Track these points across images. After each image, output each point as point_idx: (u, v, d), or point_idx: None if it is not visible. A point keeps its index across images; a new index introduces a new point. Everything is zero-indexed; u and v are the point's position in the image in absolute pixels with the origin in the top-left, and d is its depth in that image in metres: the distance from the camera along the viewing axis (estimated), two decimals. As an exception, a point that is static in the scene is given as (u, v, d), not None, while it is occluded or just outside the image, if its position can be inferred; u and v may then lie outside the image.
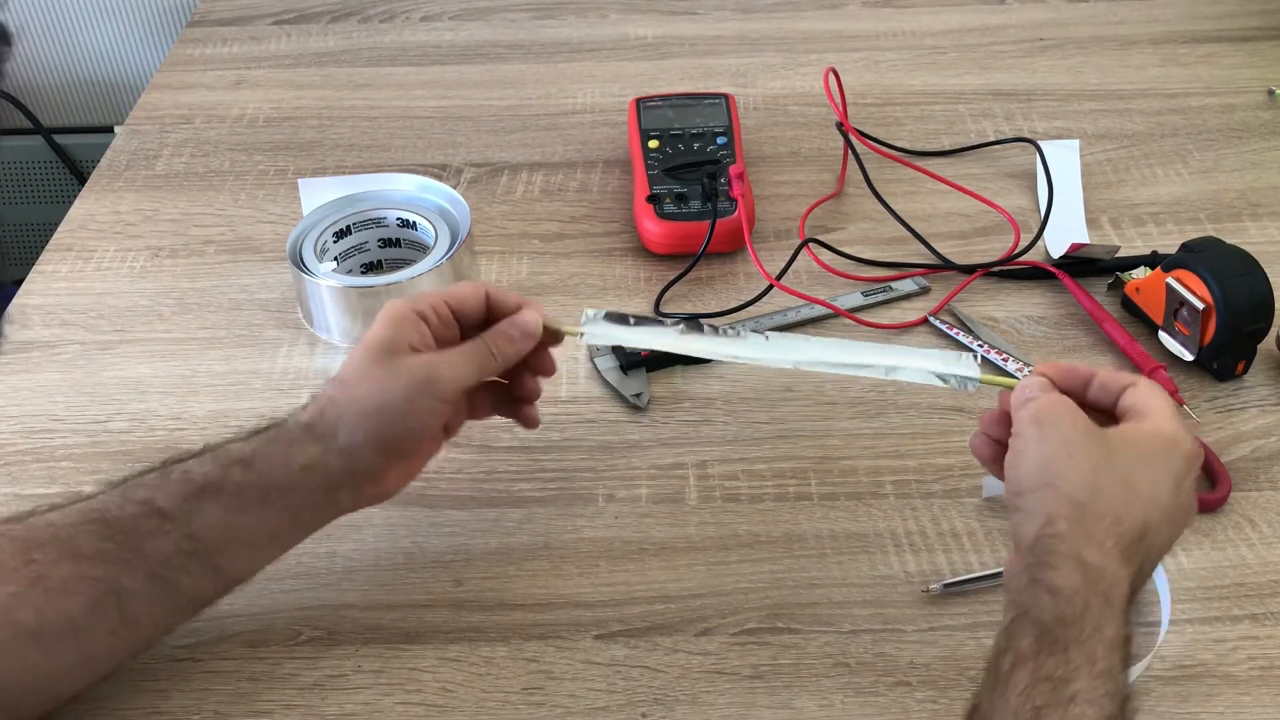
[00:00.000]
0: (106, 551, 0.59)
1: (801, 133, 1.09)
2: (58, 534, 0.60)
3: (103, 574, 0.59)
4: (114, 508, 0.61)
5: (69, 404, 0.83)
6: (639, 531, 0.73)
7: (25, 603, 0.58)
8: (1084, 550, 0.54)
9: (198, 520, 0.61)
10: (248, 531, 0.62)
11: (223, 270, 0.95)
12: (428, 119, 1.12)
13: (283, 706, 0.64)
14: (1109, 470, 0.56)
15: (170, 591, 0.61)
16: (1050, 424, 0.58)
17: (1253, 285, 0.79)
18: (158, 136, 1.10)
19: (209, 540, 0.61)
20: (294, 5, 1.31)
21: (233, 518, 0.62)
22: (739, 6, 1.29)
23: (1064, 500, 0.55)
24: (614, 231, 0.97)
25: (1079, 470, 0.56)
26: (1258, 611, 0.68)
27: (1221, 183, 1.01)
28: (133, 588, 0.60)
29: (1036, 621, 0.53)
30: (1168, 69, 1.16)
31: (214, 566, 0.62)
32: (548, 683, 0.65)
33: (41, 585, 0.58)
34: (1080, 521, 0.54)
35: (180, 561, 0.61)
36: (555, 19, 1.27)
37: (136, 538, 0.60)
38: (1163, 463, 0.57)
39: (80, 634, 0.59)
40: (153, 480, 0.62)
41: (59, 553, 0.59)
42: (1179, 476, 0.58)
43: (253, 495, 0.62)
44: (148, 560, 0.60)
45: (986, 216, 0.97)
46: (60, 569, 0.58)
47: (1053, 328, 0.87)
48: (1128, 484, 0.56)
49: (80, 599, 0.58)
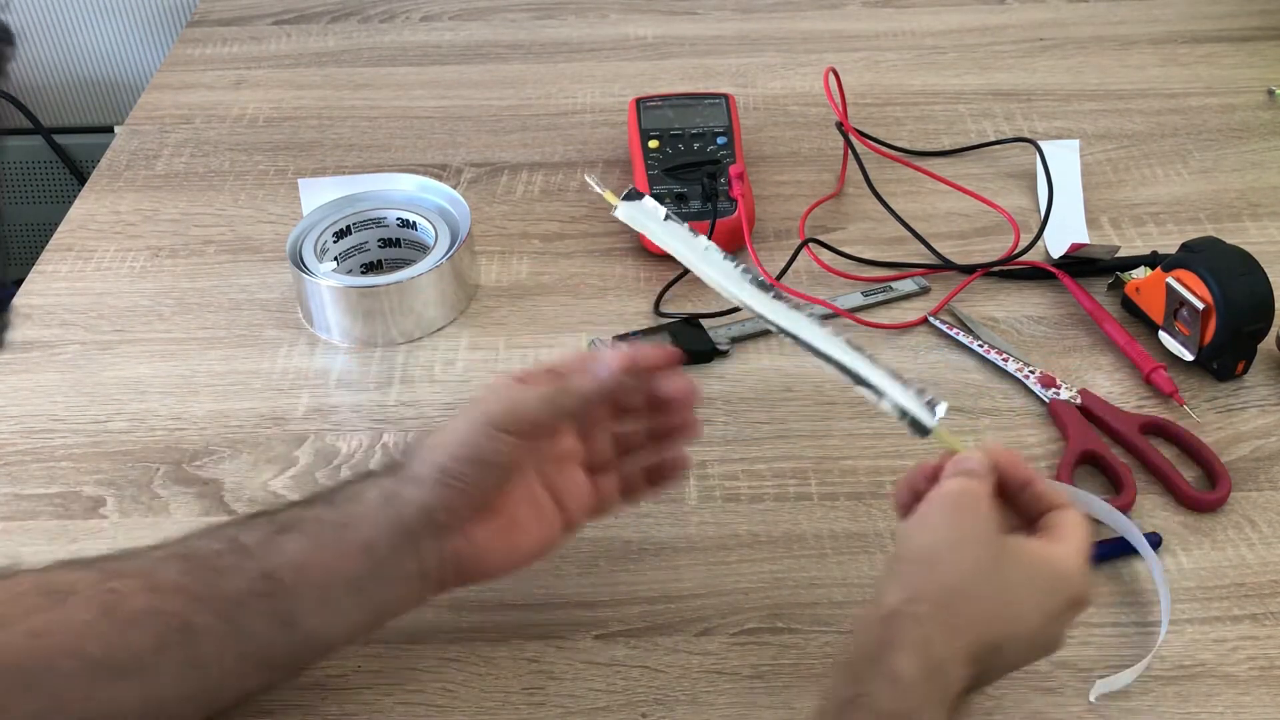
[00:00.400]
0: (183, 586, 0.58)
1: (801, 133, 1.09)
2: (143, 567, 0.59)
3: (175, 609, 0.57)
4: (200, 544, 0.60)
5: (69, 404, 0.83)
6: (639, 531, 0.73)
7: (95, 633, 0.56)
8: (934, 641, 0.53)
9: (275, 557, 0.59)
10: (322, 569, 0.59)
11: (223, 270, 0.95)
12: (428, 119, 1.12)
13: (283, 706, 0.64)
14: (992, 578, 0.55)
15: (240, 636, 0.58)
16: (960, 510, 0.57)
17: (1253, 285, 0.79)
18: (158, 136, 1.10)
19: (283, 580, 0.59)
20: (294, 5, 1.31)
21: (307, 554, 0.59)
22: (739, 6, 1.29)
23: (937, 586, 0.54)
24: (614, 231, 0.97)
25: (963, 565, 0.55)
26: (1258, 611, 0.68)
27: (1221, 183, 1.01)
28: (203, 626, 0.58)
29: (872, 711, 0.52)
30: (1168, 69, 1.16)
31: (287, 613, 0.59)
32: (548, 683, 0.65)
33: (114, 616, 0.57)
34: (943, 612, 0.53)
35: (253, 603, 0.58)
36: (555, 19, 1.27)
37: (214, 573, 0.59)
38: (1046, 593, 0.56)
39: (146, 671, 0.57)
40: (245, 520, 0.61)
41: (138, 584, 0.58)
42: (1056, 612, 0.56)
43: (330, 529, 0.60)
44: (221, 599, 0.58)
45: (986, 216, 0.97)
46: (135, 600, 0.57)
47: (1053, 328, 0.87)
48: (1004, 597, 0.55)
49: (149, 634, 0.57)
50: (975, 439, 0.77)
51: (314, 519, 0.60)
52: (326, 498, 0.62)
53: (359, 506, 0.61)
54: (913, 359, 0.85)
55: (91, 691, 0.56)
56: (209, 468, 0.78)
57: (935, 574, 0.55)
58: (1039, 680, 0.65)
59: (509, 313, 0.90)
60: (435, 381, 0.84)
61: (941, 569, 0.55)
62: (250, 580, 0.58)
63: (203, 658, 0.58)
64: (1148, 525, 0.72)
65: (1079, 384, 0.82)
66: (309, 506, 0.61)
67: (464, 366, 0.86)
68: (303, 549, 0.59)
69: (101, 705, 0.57)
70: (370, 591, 0.60)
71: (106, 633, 0.56)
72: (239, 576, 0.58)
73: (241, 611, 0.58)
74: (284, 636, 0.59)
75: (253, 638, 0.59)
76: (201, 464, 0.79)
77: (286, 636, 0.59)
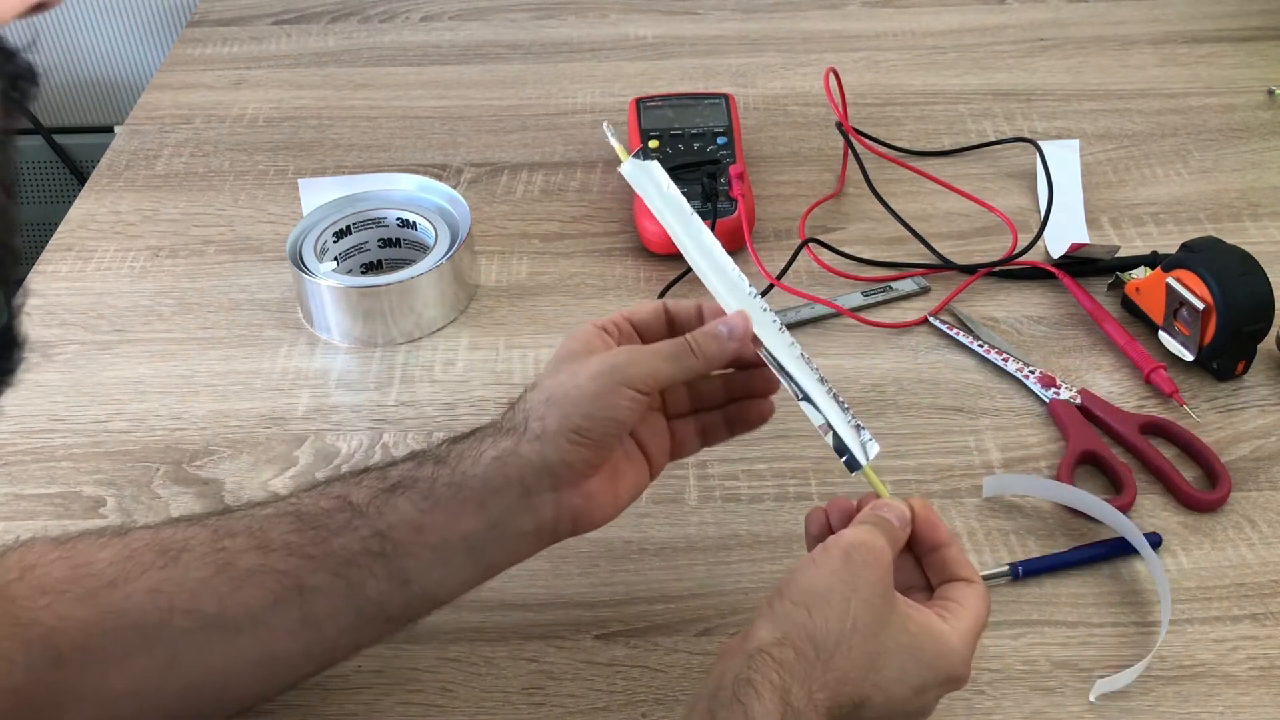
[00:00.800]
0: (294, 545, 0.58)
1: (801, 133, 1.09)
2: (251, 525, 0.59)
3: (288, 568, 0.58)
4: (309, 502, 0.60)
5: (69, 404, 0.83)
6: (639, 531, 0.73)
7: (209, 589, 0.57)
8: (793, 691, 0.52)
9: (389, 516, 0.59)
10: (437, 530, 0.59)
11: (223, 270, 0.95)
12: (428, 119, 1.12)
13: (283, 706, 0.64)
14: (868, 639, 0.54)
15: (354, 594, 0.59)
16: (854, 564, 0.55)
17: (1253, 285, 0.79)
18: (158, 136, 1.10)
19: (397, 540, 0.59)
20: (294, 5, 1.31)
21: (422, 514, 0.59)
22: (739, 6, 1.28)
23: (808, 635, 0.53)
24: (614, 231, 0.97)
25: (840, 621, 0.54)
26: (1258, 611, 0.68)
27: (1221, 183, 1.01)
28: (316, 585, 0.58)
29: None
30: (1168, 69, 1.16)
31: (401, 571, 0.59)
32: (548, 683, 0.65)
33: (227, 574, 0.58)
34: (809, 663, 0.53)
35: (366, 562, 0.59)
36: (555, 19, 1.27)
37: (326, 532, 0.59)
38: (921, 665, 0.55)
39: (260, 628, 0.58)
40: (352, 478, 0.61)
41: (248, 542, 0.58)
42: (928, 685, 0.56)
43: (444, 489, 0.60)
44: (334, 557, 0.58)
45: (986, 216, 0.97)
46: (247, 559, 0.58)
47: (1053, 328, 0.87)
48: (876, 661, 0.54)
49: (263, 592, 0.58)
50: (917, 489, 0.77)
51: (427, 479, 0.60)
52: (440, 457, 0.61)
53: (475, 467, 0.60)
54: (913, 359, 0.85)
55: (207, 647, 0.58)
56: (209, 468, 0.78)
57: (811, 621, 0.54)
58: (1039, 680, 0.65)
59: (509, 313, 0.90)
60: (435, 381, 0.84)
61: (818, 618, 0.54)
62: (363, 540, 0.59)
63: (316, 614, 0.59)
64: (1148, 525, 0.72)
65: (1079, 384, 0.82)
66: (421, 465, 0.61)
67: (464, 366, 0.86)
68: (417, 509, 0.59)
69: (217, 660, 0.58)
70: (484, 549, 0.61)
71: (221, 590, 0.57)
72: (351, 536, 0.59)
73: (355, 570, 0.58)
74: (399, 593, 0.60)
75: (367, 595, 0.59)
76: (201, 464, 0.79)
77: (401, 593, 0.60)
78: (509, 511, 0.60)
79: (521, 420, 0.60)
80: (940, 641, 0.56)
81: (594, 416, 0.59)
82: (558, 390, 0.60)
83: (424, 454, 0.62)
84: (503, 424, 0.61)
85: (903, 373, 0.84)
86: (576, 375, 0.60)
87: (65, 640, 0.56)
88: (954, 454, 0.78)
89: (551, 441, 0.59)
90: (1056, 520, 0.73)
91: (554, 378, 0.61)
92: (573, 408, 0.59)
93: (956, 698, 0.64)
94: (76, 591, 0.57)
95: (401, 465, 0.61)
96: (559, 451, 0.59)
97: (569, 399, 0.60)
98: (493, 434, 0.61)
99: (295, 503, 0.60)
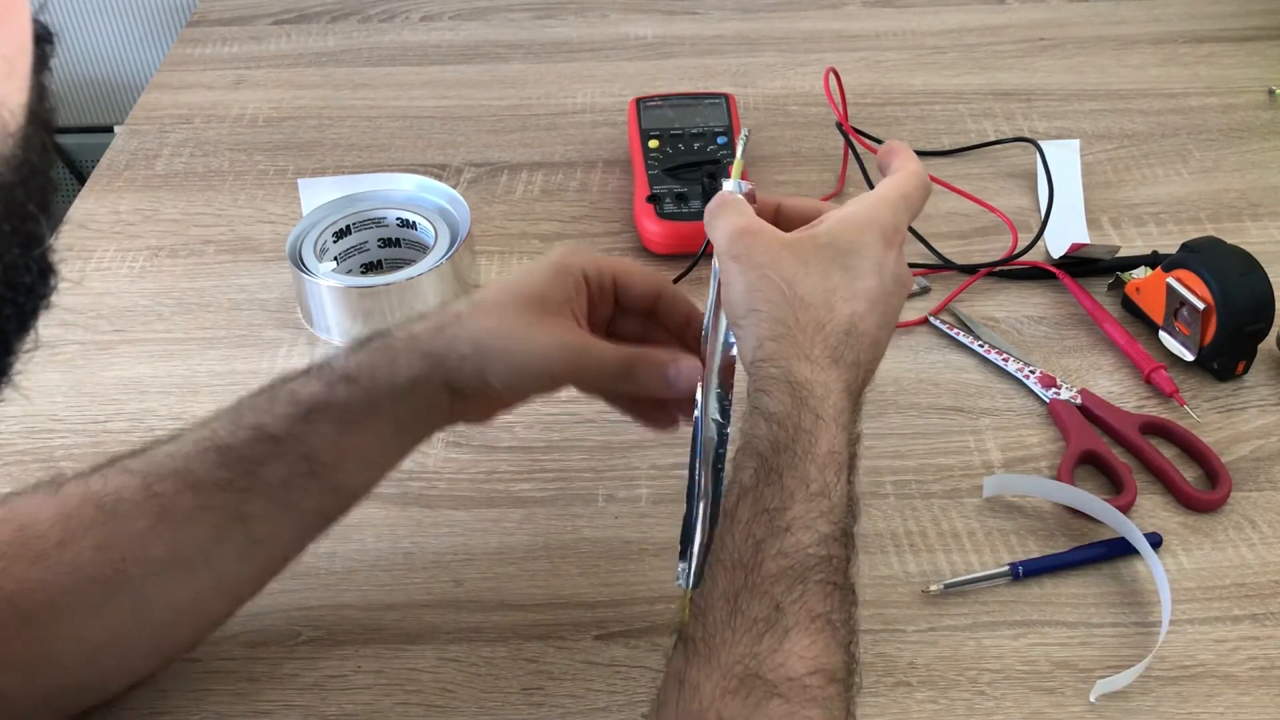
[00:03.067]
0: (223, 480, 0.60)
1: (801, 133, 1.09)
2: (175, 465, 0.60)
3: (223, 502, 0.60)
4: (226, 434, 0.61)
5: (69, 404, 0.83)
6: (639, 531, 0.73)
7: (155, 537, 0.59)
8: (793, 367, 0.54)
9: (310, 441, 0.61)
10: (359, 448, 0.62)
11: (222, 270, 0.95)
12: (428, 119, 1.12)
13: (283, 706, 0.64)
14: (805, 279, 0.57)
15: (294, 513, 0.62)
16: (744, 255, 0.58)
17: (1253, 285, 0.79)
18: (157, 136, 1.10)
19: (323, 460, 0.61)
20: (294, 5, 1.31)
21: (343, 436, 0.61)
22: (739, 6, 1.28)
23: (767, 321, 0.56)
24: (614, 231, 0.97)
25: (776, 290, 0.56)
26: (1258, 612, 0.68)
27: (1222, 183, 1.01)
28: (254, 512, 0.60)
29: (756, 453, 0.53)
30: (1168, 69, 1.16)
31: (333, 485, 0.62)
32: (548, 683, 0.65)
33: (167, 519, 0.59)
34: (785, 338, 0.55)
35: (299, 483, 0.61)
36: (555, 19, 1.27)
37: (251, 464, 0.60)
38: (856, 250, 0.58)
39: (212, 559, 0.60)
40: (262, 404, 0.62)
41: (178, 484, 0.60)
42: (877, 257, 0.58)
43: (361, 410, 0.62)
44: (265, 485, 0.60)
45: (987, 216, 0.97)
46: (182, 501, 0.59)
47: (1053, 328, 0.87)
48: (825, 286, 0.57)
49: (205, 528, 0.60)
50: (917, 489, 0.77)
51: (341, 402, 0.61)
52: (349, 375, 0.62)
53: (390, 389, 0.62)
54: (913, 359, 0.85)
55: (167, 589, 0.60)
56: (209, 468, 0.78)
57: (762, 316, 0.56)
58: (1039, 680, 0.65)
59: (509, 313, 0.90)
60: (435, 381, 0.84)
61: (764, 308, 0.56)
62: (290, 465, 0.61)
63: (262, 536, 0.61)
64: (1148, 525, 0.72)
65: (1079, 384, 0.82)
66: (332, 387, 0.62)
67: (464, 366, 0.85)
68: (337, 432, 0.61)
69: (178, 598, 0.60)
70: (403, 448, 0.65)
71: (165, 535, 0.59)
72: (277, 464, 0.60)
73: (289, 492, 0.61)
74: (333, 500, 0.63)
75: (305, 509, 0.62)
76: (201, 464, 0.79)
77: (335, 499, 0.64)
78: (418, 420, 0.64)
79: (443, 351, 0.62)
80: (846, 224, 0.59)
81: (515, 387, 0.64)
82: (496, 344, 0.62)
83: (329, 369, 0.63)
84: (422, 339, 0.62)
85: (903, 373, 0.84)
86: (529, 340, 0.61)
87: (29, 601, 0.57)
88: (954, 454, 0.78)
89: (466, 381, 0.62)
90: (1057, 520, 0.73)
91: (500, 322, 0.62)
92: (499, 371, 0.62)
93: (957, 698, 0.64)
94: (27, 555, 0.58)
95: (310, 385, 0.62)
96: (474, 392, 0.63)
97: (507, 359, 0.62)
98: (407, 353, 0.62)
99: (213, 436, 0.61)
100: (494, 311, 0.62)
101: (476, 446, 0.79)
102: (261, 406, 0.62)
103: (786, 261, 0.57)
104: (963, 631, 0.67)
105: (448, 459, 0.78)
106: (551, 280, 0.63)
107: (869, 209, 0.60)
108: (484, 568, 0.72)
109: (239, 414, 0.62)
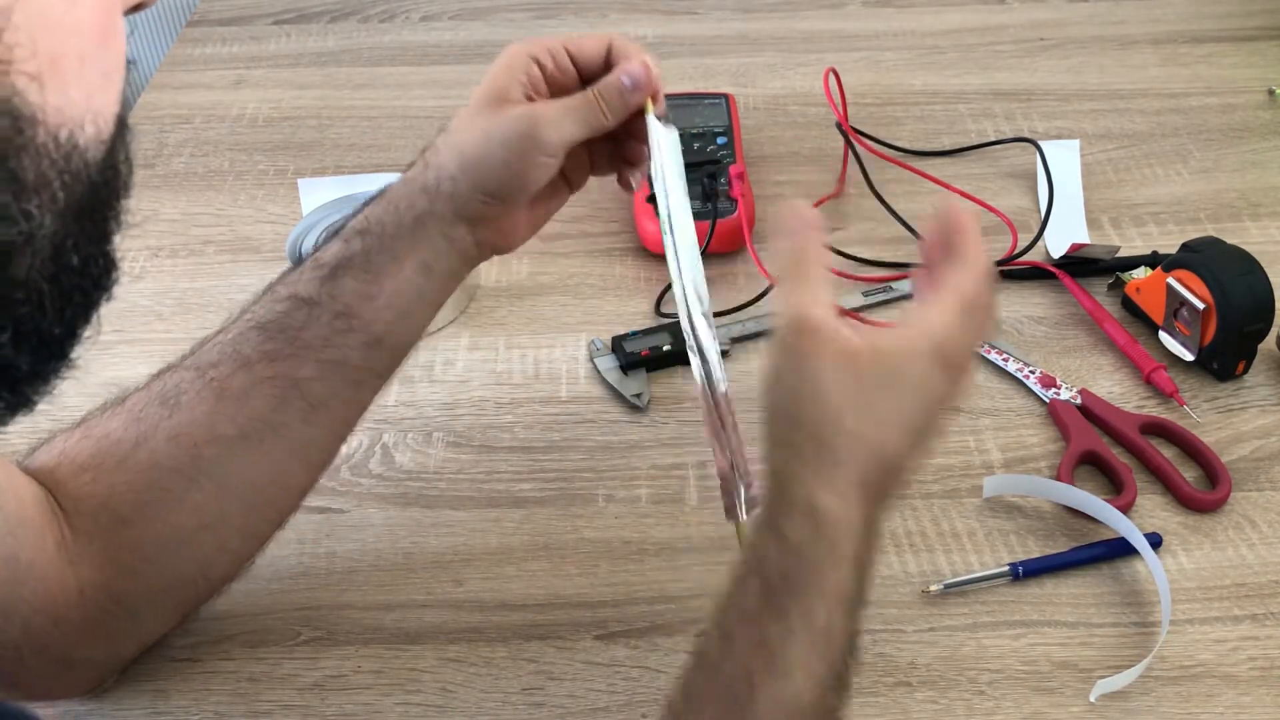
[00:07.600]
0: (271, 352, 0.62)
1: (801, 133, 1.08)
2: (225, 351, 0.63)
3: (275, 372, 0.62)
4: (264, 312, 0.64)
5: (68, 404, 0.83)
6: (639, 531, 0.73)
7: (219, 416, 0.62)
8: (817, 495, 0.50)
9: (342, 297, 0.63)
10: (389, 295, 0.64)
11: (222, 270, 0.95)
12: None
13: (283, 706, 0.64)
14: (852, 403, 0.51)
15: (343, 370, 0.64)
16: (801, 358, 0.51)
17: (1253, 285, 0.79)
18: (157, 136, 1.10)
19: (357, 313, 0.63)
20: (294, 5, 1.31)
21: (369, 285, 0.63)
22: (739, 6, 1.28)
23: (808, 439, 0.51)
24: (614, 231, 0.97)
25: (825, 410, 0.51)
26: (1258, 612, 0.68)
27: (1222, 183, 1.01)
28: (307, 375, 0.63)
29: (762, 578, 0.50)
30: (1168, 69, 1.16)
31: (373, 337, 0.64)
32: (548, 683, 0.65)
33: (227, 398, 0.62)
34: (818, 464, 0.50)
35: (340, 340, 0.63)
36: (555, 19, 1.27)
37: (292, 331, 0.63)
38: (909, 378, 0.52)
39: (278, 429, 0.63)
40: (292, 276, 0.65)
41: (231, 366, 0.62)
42: (933, 388, 0.52)
43: (380, 258, 0.64)
44: (310, 348, 0.63)
45: (986, 216, 0.97)
46: (236, 380, 0.62)
47: (1053, 328, 0.87)
48: (874, 414, 0.51)
49: (264, 400, 0.62)
50: (917, 489, 0.77)
51: (361, 253, 0.64)
52: (362, 229, 0.65)
53: (399, 230, 0.64)
54: (913, 359, 0.85)
55: (243, 462, 0.62)
56: (209, 468, 0.78)
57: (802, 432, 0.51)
58: (1039, 681, 0.65)
59: (509, 313, 0.90)
60: (435, 381, 0.84)
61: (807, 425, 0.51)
62: (329, 324, 0.63)
63: (319, 397, 0.63)
64: (1148, 525, 0.72)
65: (1079, 384, 0.82)
66: (348, 242, 0.64)
67: (464, 366, 0.86)
68: (362, 283, 0.63)
69: (256, 471, 0.63)
70: (429, 291, 0.66)
71: (229, 412, 0.62)
72: (317, 326, 0.63)
73: (333, 350, 0.63)
74: (378, 353, 0.65)
75: (353, 365, 0.64)
76: (201, 464, 0.78)
77: (379, 352, 0.65)
78: (438, 257, 0.65)
79: (434, 181, 0.65)
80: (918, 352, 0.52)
81: (506, 181, 0.64)
82: (471, 150, 0.64)
83: (345, 229, 0.65)
84: (415, 179, 0.65)
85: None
86: (490, 136, 0.64)
87: (120, 503, 0.61)
88: (954, 454, 0.78)
89: (465, 201, 0.64)
90: (1056, 520, 0.73)
91: (468, 130, 0.64)
92: (486, 173, 0.64)
93: (957, 699, 0.64)
94: (109, 462, 0.61)
95: (330, 250, 0.65)
96: (473, 209, 0.65)
97: (482, 164, 0.64)
98: (406, 194, 0.65)
99: (251, 317, 0.64)
100: (463, 125, 0.65)
101: (476, 447, 0.79)
102: (291, 278, 0.65)
103: (840, 381, 0.51)
104: (963, 631, 0.67)
105: (448, 459, 0.78)
106: (504, 73, 0.65)
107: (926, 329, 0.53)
108: (484, 568, 0.72)
109: (273, 291, 0.65)
